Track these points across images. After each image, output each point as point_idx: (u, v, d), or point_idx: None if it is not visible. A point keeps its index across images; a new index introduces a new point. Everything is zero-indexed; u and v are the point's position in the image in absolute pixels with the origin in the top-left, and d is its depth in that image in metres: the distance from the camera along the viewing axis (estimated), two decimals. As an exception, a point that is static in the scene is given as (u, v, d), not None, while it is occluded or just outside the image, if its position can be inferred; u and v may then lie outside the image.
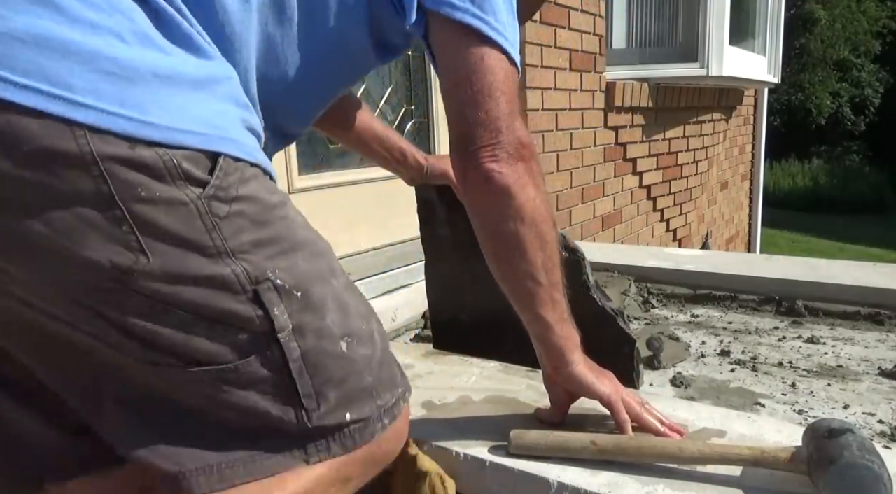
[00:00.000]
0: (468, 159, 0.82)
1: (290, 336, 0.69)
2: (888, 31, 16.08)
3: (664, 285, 2.05)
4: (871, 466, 0.77)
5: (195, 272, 0.63)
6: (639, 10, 3.42)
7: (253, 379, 0.68)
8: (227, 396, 0.68)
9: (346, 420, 0.75)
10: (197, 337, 0.65)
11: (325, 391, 0.72)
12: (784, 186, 13.67)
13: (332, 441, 0.74)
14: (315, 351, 0.71)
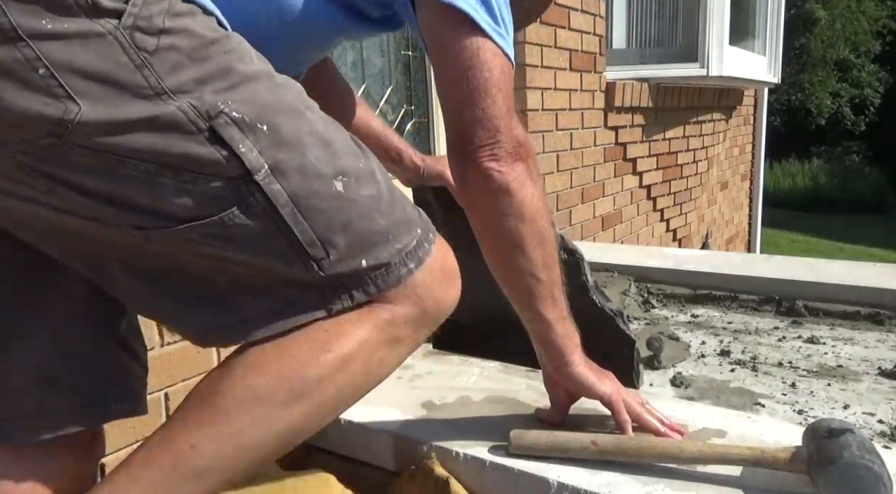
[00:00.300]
0: (467, 159, 0.81)
1: (269, 176, 0.62)
2: (888, 31, 16.07)
3: (664, 285, 2.05)
4: (871, 466, 0.77)
5: (135, 115, 0.57)
6: (639, 10, 3.42)
7: (245, 232, 0.63)
8: (225, 253, 0.64)
9: (363, 266, 0.68)
10: (167, 190, 0.60)
11: (331, 237, 0.66)
12: (784, 186, 13.66)
13: (353, 289, 0.69)
14: (305, 192, 0.64)
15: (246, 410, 0.66)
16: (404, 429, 1.05)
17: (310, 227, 0.65)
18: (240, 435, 0.66)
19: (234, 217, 0.62)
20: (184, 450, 0.65)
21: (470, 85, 0.78)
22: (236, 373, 0.67)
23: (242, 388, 0.66)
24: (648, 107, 3.14)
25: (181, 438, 0.66)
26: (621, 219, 3.11)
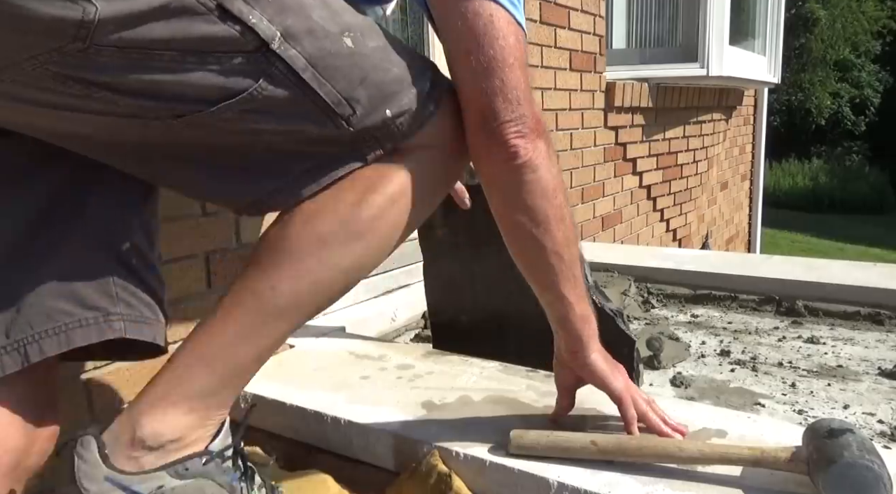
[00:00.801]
0: (492, 135, 0.78)
1: (284, 43, 0.65)
2: (888, 31, 16.08)
3: (664, 285, 2.05)
4: (871, 466, 0.77)
5: (147, 5, 0.59)
6: (639, 10, 3.42)
7: (275, 102, 0.67)
8: (260, 126, 0.68)
9: (388, 115, 0.72)
10: (195, 75, 0.63)
11: (353, 93, 0.70)
12: (784, 186, 13.67)
13: (383, 138, 0.73)
14: (320, 53, 0.68)
15: (313, 252, 0.72)
16: (404, 429, 1.05)
17: (333, 88, 0.69)
18: (311, 274, 0.72)
19: (261, 89, 0.66)
20: (265, 291, 0.72)
21: (486, 54, 0.76)
22: (297, 222, 0.73)
23: (306, 234, 0.73)
24: (648, 107, 3.14)
25: (261, 282, 0.72)
26: (621, 219, 3.11)
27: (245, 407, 0.94)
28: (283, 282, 0.72)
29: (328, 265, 0.73)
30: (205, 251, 1.26)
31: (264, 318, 0.72)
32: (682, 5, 3.34)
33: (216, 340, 0.72)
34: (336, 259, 0.73)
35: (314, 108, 0.69)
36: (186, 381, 0.72)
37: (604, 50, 2.80)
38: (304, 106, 0.68)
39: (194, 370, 0.72)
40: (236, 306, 0.73)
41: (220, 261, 1.29)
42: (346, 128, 0.71)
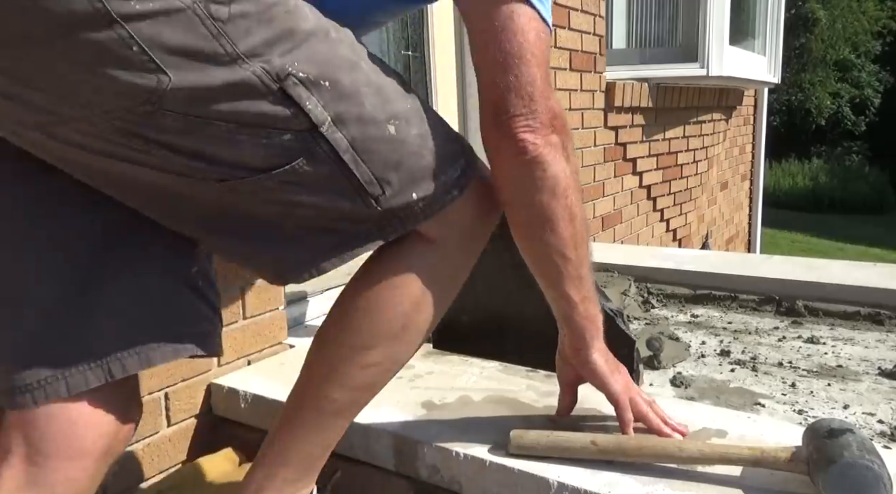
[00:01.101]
0: (501, 129, 0.79)
1: (332, 127, 0.70)
2: (888, 32, 16.08)
3: (664, 285, 2.05)
4: (871, 466, 0.77)
5: (216, 82, 0.65)
6: (639, 10, 3.42)
7: (313, 177, 0.71)
8: (296, 198, 0.72)
9: (413, 199, 0.76)
10: (245, 146, 0.68)
11: (386, 175, 0.74)
12: (784, 186, 13.66)
13: (405, 219, 0.77)
14: (362, 138, 0.72)
15: (355, 362, 0.80)
16: (404, 429, 1.05)
17: (368, 169, 0.73)
18: (357, 379, 0.81)
19: (303, 164, 0.70)
20: (320, 401, 0.81)
21: (503, 50, 0.77)
22: (336, 337, 0.82)
23: (347, 347, 0.80)
24: (648, 107, 3.14)
25: (314, 394, 0.82)
26: (621, 219, 3.11)
27: (329, 472, 1.00)
28: (334, 392, 0.81)
29: (370, 369, 0.81)
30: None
31: (325, 421, 0.83)
32: (682, 5, 3.34)
33: (292, 446, 0.84)
34: (376, 363, 0.81)
35: (348, 186, 0.73)
36: (273, 478, 0.84)
37: (604, 50, 2.80)
38: (339, 183, 0.72)
39: (278, 469, 0.84)
40: (297, 415, 0.83)
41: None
42: (374, 207, 0.74)
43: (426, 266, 0.80)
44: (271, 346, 1.42)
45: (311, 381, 0.83)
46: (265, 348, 1.40)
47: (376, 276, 0.80)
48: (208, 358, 1.28)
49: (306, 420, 0.83)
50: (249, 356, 1.37)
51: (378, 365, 0.81)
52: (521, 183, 0.82)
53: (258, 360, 1.38)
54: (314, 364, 0.83)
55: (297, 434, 0.83)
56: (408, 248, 0.80)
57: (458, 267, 0.84)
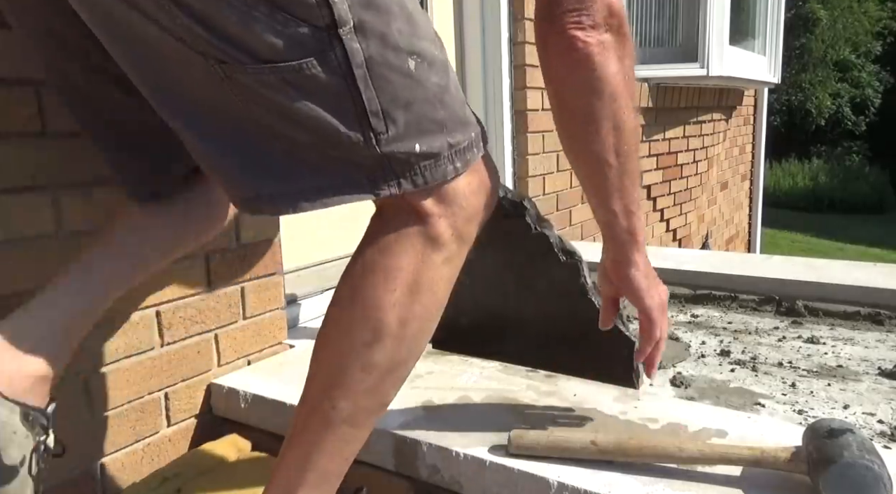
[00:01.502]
0: (552, 22, 0.76)
1: (352, 34, 0.64)
2: (889, 32, 16.08)
3: (664, 285, 2.05)
4: (871, 466, 0.77)
5: None
6: (639, 10, 3.41)
7: (318, 85, 0.65)
8: (294, 107, 0.66)
9: (416, 150, 0.69)
10: (258, 26, 0.62)
11: (393, 111, 0.68)
12: (784, 186, 13.66)
13: (402, 176, 0.70)
14: (379, 60, 0.66)
15: (355, 364, 0.74)
16: (404, 429, 1.05)
17: (376, 96, 0.67)
18: (360, 383, 0.75)
19: (311, 66, 0.64)
20: (327, 411, 0.75)
21: None
22: (333, 338, 0.76)
23: (346, 347, 0.75)
24: (648, 108, 3.14)
25: (320, 403, 0.76)
26: (621, 219, 3.11)
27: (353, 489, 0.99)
28: (339, 400, 0.75)
29: (373, 375, 0.75)
30: (205, 251, 1.26)
31: (338, 431, 0.76)
32: (682, 5, 3.34)
33: (306, 462, 0.77)
34: (380, 364, 0.75)
35: (352, 109, 0.67)
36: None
37: (604, 50, 2.80)
38: (343, 103, 0.66)
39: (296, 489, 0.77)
40: (306, 428, 0.77)
41: (220, 261, 1.29)
42: (374, 146, 0.68)
43: (420, 249, 0.73)
44: (271, 346, 1.42)
45: (315, 390, 0.77)
46: (265, 348, 1.40)
47: (366, 263, 0.75)
48: (208, 358, 1.28)
49: (317, 433, 0.77)
50: (249, 356, 1.37)
51: (379, 366, 0.75)
52: (566, 81, 0.78)
53: (258, 360, 1.38)
54: (315, 371, 0.78)
55: (309, 448, 0.77)
56: (399, 228, 0.73)
57: (453, 254, 0.76)
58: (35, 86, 1.00)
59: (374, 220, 0.77)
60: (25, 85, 0.99)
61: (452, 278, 0.78)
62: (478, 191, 0.76)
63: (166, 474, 1.12)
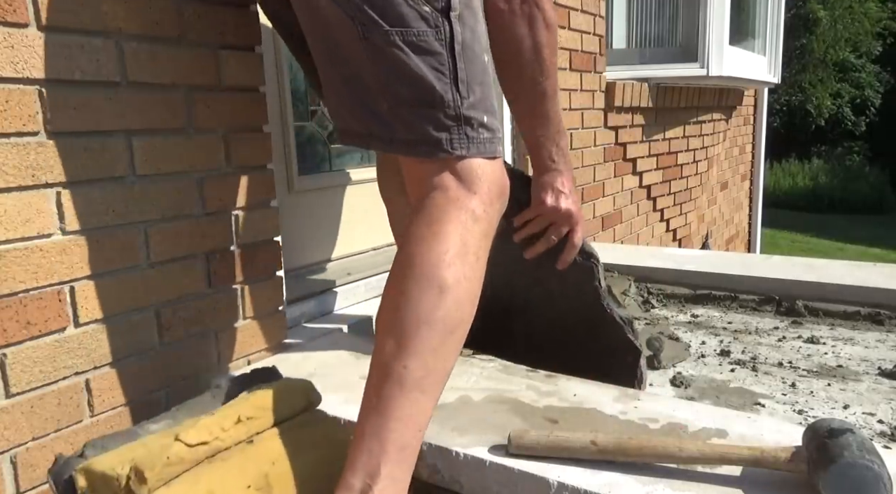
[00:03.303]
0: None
1: (458, 20, 0.88)
2: (889, 32, 16.07)
3: (664, 285, 2.05)
4: (871, 466, 0.77)
5: None
6: (639, 10, 3.41)
7: (429, 49, 0.88)
8: (408, 62, 0.87)
9: (483, 120, 0.91)
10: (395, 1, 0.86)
11: (473, 85, 0.90)
12: (784, 186, 13.66)
13: (472, 139, 0.90)
14: (470, 46, 0.90)
15: (424, 326, 0.85)
16: (404, 429, 1.05)
17: (465, 69, 0.90)
18: (428, 342, 0.85)
19: (427, 35, 0.88)
20: (400, 373, 0.84)
21: None
22: (398, 305, 0.86)
23: (413, 313, 0.85)
24: (648, 107, 3.14)
25: (392, 367, 0.84)
26: (621, 219, 3.11)
27: None
28: (410, 360, 0.84)
29: (438, 331, 0.85)
30: (205, 251, 1.26)
31: (407, 393, 0.84)
32: (682, 5, 3.33)
33: (382, 435, 0.82)
34: (443, 323, 0.85)
35: (448, 73, 0.89)
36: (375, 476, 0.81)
37: (604, 50, 2.80)
38: (444, 67, 0.88)
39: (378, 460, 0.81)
40: (380, 391, 0.84)
41: (220, 261, 1.29)
42: (458, 104, 0.89)
43: (463, 219, 0.88)
44: (271, 346, 1.42)
45: (386, 356, 0.85)
46: (265, 348, 1.41)
47: (418, 232, 0.88)
48: (208, 357, 1.29)
49: (391, 399, 0.83)
50: (249, 356, 1.37)
51: (441, 323, 0.85)
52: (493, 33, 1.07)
53: (258, 360, 1.38)
54: (383, 340, 0.86)
55: (386, 418, 0.82)
56: (443, 202, 0.88)
57: (487, 229, 0.91)
58: (36, 86, 1.00)
59: (419, 197, 0.91)
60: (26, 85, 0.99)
61: (487, 250, 0.92)
62: (500, 180, 0.94)
63: (241, 414, 0.97)
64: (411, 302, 0.85)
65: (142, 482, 0.81)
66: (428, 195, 0.90)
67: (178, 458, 0.84)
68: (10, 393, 0.99)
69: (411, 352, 0.84)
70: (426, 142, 0.89)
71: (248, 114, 1.32)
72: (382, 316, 0.89)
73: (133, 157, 1.13)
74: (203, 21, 1.22)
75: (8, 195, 0.98)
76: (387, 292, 0.90)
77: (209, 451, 0.88)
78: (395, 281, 0.89)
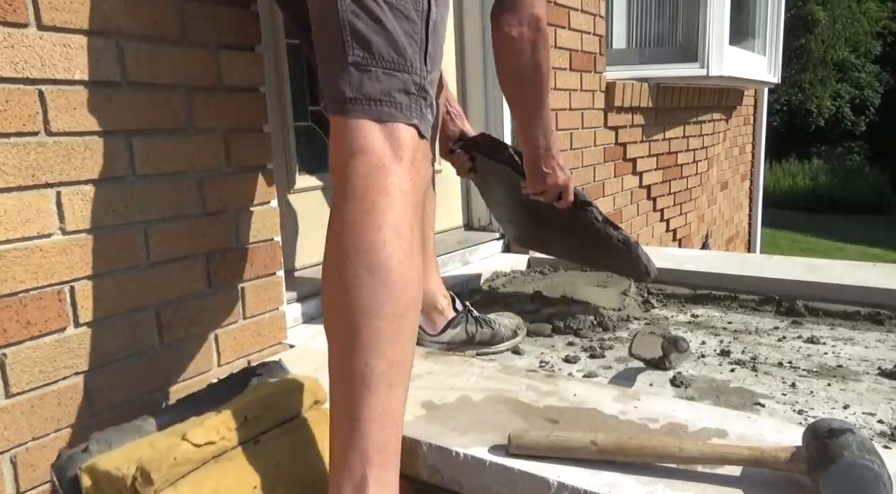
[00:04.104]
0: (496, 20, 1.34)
1: (435, 0, 0.96)
2: (888, 32, 16.08)
3: (664, 285, 2.05)
4: (871, 466, 0.77)
5: None
6: (639, 10, 3.41)
7: (406, 15, 0.93)
8: (390, 20, 0.91)
9: (432, 101, 0.97)
10: None
11: (435, 62, 0.98)
12: (784, 186, 13.67)
13: (423, 111, 0.95)
14: (436, 29, 0.97)
15: (375, 323, 0.83)
16: (404, 429, 1.05)
17: (432, 46, 0.97)
18: (384, 335, 0.82)
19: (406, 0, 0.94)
20: (363, 371, 0.82)
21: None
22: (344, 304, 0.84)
23: (359, 314, 0.83)
24: (648, 107, 3.14)
25: (354, 366, 0.82)
26: (621, 218, 3.11)
27: None
28: (370, 358, 0.82)
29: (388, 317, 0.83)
30: (205, 251, 1.26)
31: (372, 389, 0.81)
32: (682, 5, 3.33)
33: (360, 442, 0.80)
34: (385, 306, 0.83)
35: (420, 44, 0.95)
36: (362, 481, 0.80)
37: (604, 50, 2.80)
38: (417, 35, 0.95)
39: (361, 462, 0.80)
40: (346, 392, 0.82)
41: (220, 261, 1.29)
42: (423, 77, 0.95)
43: (392, 191, 0.87)
44: (271, 346, 1.42)
45: (343, 360, 0.83)
46: (265, 348, 1.41)
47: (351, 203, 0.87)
48: (208, 357, 1.29)
49: (362, 399, 0.81)
50: (249, 356, 1.37)
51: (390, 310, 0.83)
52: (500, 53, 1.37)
53: (258, 360, 1.38)
54: (336, 340, 0.84)
55: (360, 421, 0.80)
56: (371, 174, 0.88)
57: (420, 187, 0.93)
58: (36, 86, 1.00)
59: (346, 162, 0.90)
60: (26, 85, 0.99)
61: (420, 221, 0.94)
62: (426, 151, 0.98)
63: (248, 413, 0.98)
64: (356, 292, 0.83)
65: (148, 483, 0.80)
66: (355, 159, 0.89)
67: (185, 458, 0.84)
68: (10, 393, 0.99)
69: (369, 349, 0.81)
70: (390, 103, 0.91)
71: (248, 114, 1.32)
72: (331, 315, 0.86)
73: (133, 157, 1.13)
74: (203, 21, 1.22)
75: (8, 195, 0.98)
76: (327, 287, 0.87)
77: (216, 451, 0.88)
78: (334, 272, 0.86)
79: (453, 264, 2.16)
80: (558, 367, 1.46)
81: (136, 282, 1.15)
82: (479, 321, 1.50)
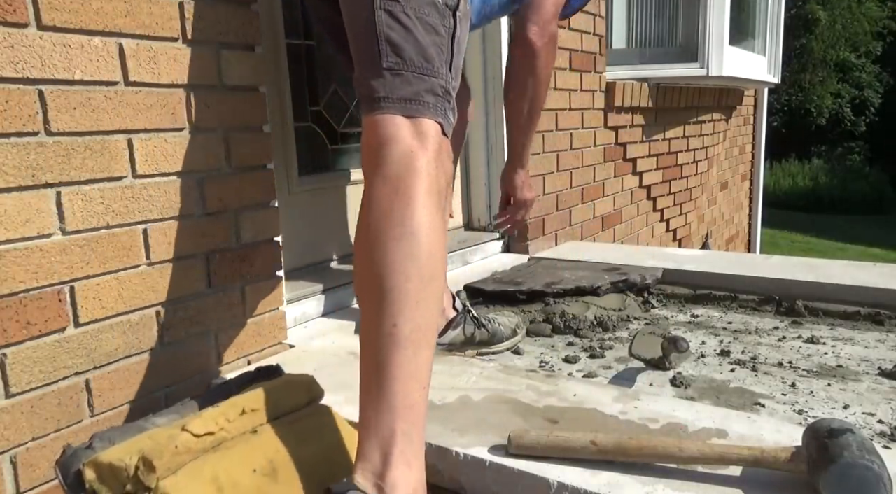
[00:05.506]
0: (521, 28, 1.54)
1: (460, 20, 1.05)
2: (889, 32, 16.08)
3: (664, 285, 2.05)
4: (871, 466, 0.77)
5: None
6: (639, 10, 3.41)
7: (435, 29, 1.01)
8: (420, 33, 0.99)
9: (454, 107, 1.04)
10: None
11: (456, 75, 1.06)
12: (784, 186, 13.66)
13: (447, 112, 1.01)
14: (459, 44, 1.06)
15: (402, 284, 0.87)
16: (404, 429, 1.05)
17: (456, 58, 1.05)
18: (413, 297, 0.86)
19: (435, 17, 1.01)
20: (391, 331, 0.85)
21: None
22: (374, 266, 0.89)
23: (389, 276, 0.87)
24: (648, 107, 3.14)
25: (383, 325, 0.85)
26: (621, 219, 3.11)
27: None
28: (397, 317, 0.85)
29: (415, 281, 0.87)
30: (205, 251, 1.26)
31: (403, 352, 0.84)
32: (682, 5, 3.33)
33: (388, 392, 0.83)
34: (413, 270, 0.87)
35: (447, 53, 1.03)
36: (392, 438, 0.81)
37: (604, 50, 2.80)
38: (443, 47, 1.02)
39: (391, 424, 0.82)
40: (382, 362, 0.84)
41: (220, 261, 1.29)
42: (448, 84, 1.02)
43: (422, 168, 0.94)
44: (271, 346, 1.42)
45: (373, 320, 0.87)
46: (265, 348, 1.41)
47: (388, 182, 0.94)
48: (208, 357, 1.29)
49: (389, 356, 0.84)
50: (249, 356, 1.37)
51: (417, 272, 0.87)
52: (517, 62, 1.58)
53: (258, 360, 1.38)
54: (366, 302, 0.89)
55: (390, 379, 0.83)
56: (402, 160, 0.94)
57: (443, 177, 0.99)
58: (36, 86, 1.00)
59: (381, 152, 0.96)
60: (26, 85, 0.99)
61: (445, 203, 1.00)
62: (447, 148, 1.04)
63: (246, 406, 0.98)
64: (387, 258, 0.88)
65: (150, 470, 0.81)
66: (386, 146, 0.96)
67: (185, 447, 0.85)
68: (10, 393, 0.99)
69: (397, 309, 0.86)
70: (418, 102, 0.98)
71: (248, 114, 1.32)
72: (362, 280, 0.92)
73: (133, 157, 1.13)
74: (203, 21, 1.22)
75: (8, 195, 0.98)
76: (359, 253, 0.93)
77: (215, 441, 0.89)
78: (366, 242, 0.92)
79: (454, 264, 2.16)
80: (558, 367, 1.46)
81: (136, 282, 1.15)
82: (479, 321, 1.50)
